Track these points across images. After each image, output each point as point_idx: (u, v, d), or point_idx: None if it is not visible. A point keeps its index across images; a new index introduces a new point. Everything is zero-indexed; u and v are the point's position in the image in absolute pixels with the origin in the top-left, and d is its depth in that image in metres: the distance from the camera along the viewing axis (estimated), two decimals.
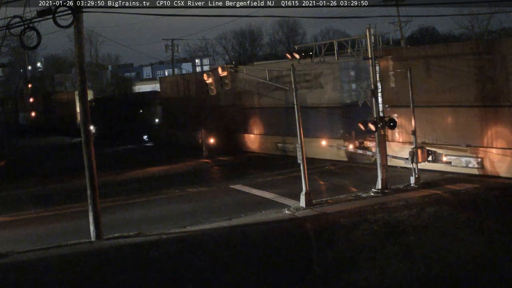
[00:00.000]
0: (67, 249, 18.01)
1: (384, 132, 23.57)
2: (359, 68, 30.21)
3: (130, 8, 22.21)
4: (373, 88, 23.54)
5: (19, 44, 21.53)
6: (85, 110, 19.13)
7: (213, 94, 26.75)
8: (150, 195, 26.39)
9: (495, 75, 23.98)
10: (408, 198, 21.50)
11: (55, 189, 30.21)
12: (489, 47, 24.85)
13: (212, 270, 15.38)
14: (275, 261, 15.79)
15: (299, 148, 22.06)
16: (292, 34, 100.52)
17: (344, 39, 25.96)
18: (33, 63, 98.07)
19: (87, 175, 19.06)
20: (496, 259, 14.49)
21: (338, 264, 15.03)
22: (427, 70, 26.46)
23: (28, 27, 17.28)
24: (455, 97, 25.53)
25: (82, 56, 19.18)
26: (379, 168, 23.23)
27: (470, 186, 22.66)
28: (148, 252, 17.34)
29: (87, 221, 19.20)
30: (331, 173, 28.71)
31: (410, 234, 17.07)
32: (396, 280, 13.64)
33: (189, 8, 23.49)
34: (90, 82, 78.17)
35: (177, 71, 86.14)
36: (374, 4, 43.92)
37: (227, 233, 18.87)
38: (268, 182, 27.54)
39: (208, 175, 31.97)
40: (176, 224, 20.43)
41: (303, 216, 20.34)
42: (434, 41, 66.76)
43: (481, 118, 24.68)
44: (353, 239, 16.99)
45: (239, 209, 21.98)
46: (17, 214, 24.31)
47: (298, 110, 22.31)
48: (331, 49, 25.50)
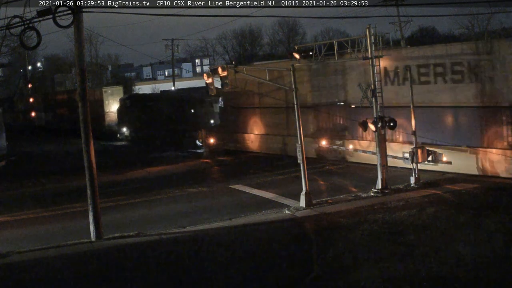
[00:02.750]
0: (67, 249, 18.00)
1: (384, 132, 23.59)
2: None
3: (130, 8, 22.19)
4: (373, 88, 23.56)
5: (19, 44, 21.51)
6: (85, 110, 19.10)
7: (213, 94, 26.73)
8: (150, 195, 26.37)
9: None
10: (408, 198, 21.52)
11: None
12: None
13: (212, 270, 15.38)
14: (275, 261, 15.79)
15: (299, 148, 22.08)
16: (292, 34, 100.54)
17: (344, 39, 25.97)
18: (33, 63, 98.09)
19: (87, 175, 19.05)
20: (496, 259, 14.49)
21: (338, 264, 15.04)
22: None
23: (28, 27, 17.29)
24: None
25: (82, 56, 19.17)
26: (379, 168, 23.24)
27: (470, 186, 22.68)
28: (148, 252, 17.34)
29: (87, 221, 19.21)
30: (331, 173, 28.72)
31: (410, 234, 17.08)
32: (396, 280, 13.64)
33: (189, 8, 23.49)
34: (90, 82, 77.50)
35: (177, 71, 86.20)
36: (374, 4, 43.97)
37: (227, 233, 18.88)
38: (268, 182, 27.54)
39: (208, 175, 31.98)
40: (176, 224, 20.43)
41: (303, 216, 20.34)
42: (434, 41, 66.70)
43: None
44: (353, 239, 16.99)
45: (239, 209, 21.99)
46: (17, 214, 24.30)
47: (298, 110, 22.34)
48: (331, 49, 25.51)
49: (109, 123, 55.00)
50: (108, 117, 55.25)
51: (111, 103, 55.29)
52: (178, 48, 68.84)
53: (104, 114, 55.08)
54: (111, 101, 55.48)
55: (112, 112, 54.81)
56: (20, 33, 17.60)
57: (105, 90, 57.01)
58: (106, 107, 55.38)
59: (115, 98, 55.08)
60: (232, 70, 24.94)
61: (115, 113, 53.90)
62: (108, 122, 55.19)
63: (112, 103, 55.11)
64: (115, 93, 56.25)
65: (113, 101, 55.09)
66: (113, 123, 54.31)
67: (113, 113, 54.54)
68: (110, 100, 55.50)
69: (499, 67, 23.81)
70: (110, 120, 54.93)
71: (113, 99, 55.34)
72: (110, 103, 55.34)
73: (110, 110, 55.18)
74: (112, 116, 54.73)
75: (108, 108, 55.37)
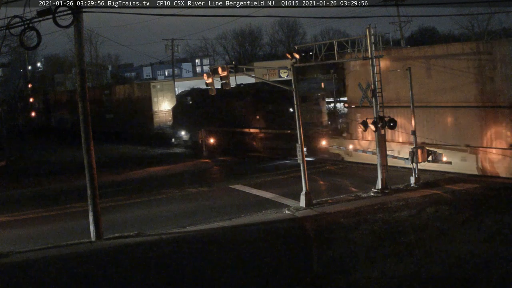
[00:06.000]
0: (67, 249, 18.00)
1: (384, 132, 23.59)
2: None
3: (130, 8, 22.23)
4: (373, 88, 23.56)
5: (19, 44, 21.51)
6: (85, 110, 19.09)
7: (213, 94, 26.65)
8: (150, 195, 26.38)
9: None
10: (408, 198, 21.52)
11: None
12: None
13: (212, 270, 15.37)
14: (275, 261, 15.78)
15: (299, 148, 22.09)
16: (292, 34, 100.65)
17: (344, 39, 25.97)
18: (33, 63, 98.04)
19: (87, 175, 19.06)
20: (496, 259, 14.48)
21: (338, 264, 15.03)
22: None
23: (28, 27, 17.29)
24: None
25: (82, 56, 19.17)
26: (379, 168, 23.24)
27: (470, 186, 22.68)
28: (148, 252, 17.33)
29: (87, 221, 19.21)
30: (331, 173, 28.71)
31: (410, 234, 17.06)
32: (396, 280, 13.63)
33: (189, 8, 23.51)
34: (90, 82, 77.08)
35: (177, 71, 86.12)
36: (374, 4, 44.04)
37: (227, 233, 18.88)
38: (268, 182, 27.53)
39: (209, 175, 31.96)
40: (176, 224, 20.43)
41: (303, 216, 20.34)
42: (434, 41, 66.76)
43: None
44: (353, 239, 16.99)
45: (239, 209, 21.98)
46: (17, 214, 24.30)
47: (298, 110, 22.35)
48: (331, 49, 25.51)
49: (159, 125, 46.79)
50: (157, 117, 46.94)
51: (160, 101, 46.99)
52: (178, 48, 68.70)
53: (152, 114, 46.69)
54: (160, 98, 47.05)
55: (162, 112, 46.75)
56: (20, 33, 17.61)
57: (153, 84, 48.28)
58: (155, 106, 46.82)
59: (165, 95, 47.17)
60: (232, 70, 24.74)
61: (166, 113, 46.08)
62: (158, 124, 46.88)
63: (163, 101, 46.95)
64: (166, 88, 47.87)
65: (164, 98, 47.04)
66: (164, 124, 46.26)
67: (163, 113, 46.66)
68: (160, 97, 47.09)
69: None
70: (160, 121, 46.81)
71: (163, 96, 47.21)
72: (160, 100, 46.98)
73: (160, 109, 46.93)
74: (162, 116, 46.71)
75: (157, 107, 46.90)
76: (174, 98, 46.81)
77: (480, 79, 24.54)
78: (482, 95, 24.56)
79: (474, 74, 24.71)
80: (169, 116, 45.52)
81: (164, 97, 47.07)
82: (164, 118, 46.40)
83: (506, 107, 23.70)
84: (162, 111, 46.69)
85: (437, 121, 26.33)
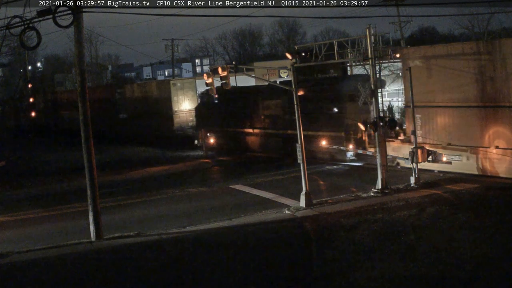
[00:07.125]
0: (67, 249, 18.01)
1: (384, 131, 23.59)
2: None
3: (130, 8, 22.24)
4: (373, 88, 23.56)
5: (19, 44, 21.52)
6: (85, 110, 19.10)
7: (213, 94, 26.68)
8: (150, 195, 26.38)
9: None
10: (408, 198, 21.51)
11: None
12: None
13: (212, 270, 15.37)
14: (275, 261, 15.78)
15: (299, 148, 22.08)
16: (292, 34, 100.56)
17: (344, 39, 25.97)
18: (33, 63, 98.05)
19: (87, 175, 19.06)
20: (496, 259, 14.48)
21: (338, 264, 15.02)
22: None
23: (28, 27, 17.30)
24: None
25: (82, 56, 19.18)
26: (379, 168, 23.23)
27: (470, 186, 22.67)
28: (148, 252, 17.34)
29: (87, 221, 19.21)
30: (331, 173, 28.69)
31: (410, 234, 17.06)
32: (396, 280, 13.63)
33: (189, 8, 23.50)
34: (90, 82, 76.98)
35: (177, 71, 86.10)
36: (374, 4, 44.04)
37: (227, 233, 18.87)
38: (268, 182, 27.52)
39: (208, 175, 31.96)
40: (176, 224, 20.43)
41: (303, 216, 20.33)
42: (434, 41, 66.75)
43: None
44: (353, 239, 16.98)
45: (239, 209, 21.98)
46: (17, 214, 24.30)
47: (298, 110, 22.34)
48: (331, 49, 25.52)
49: (180, 125, 44.31)
50: (178, 117, 44.33)
51: (181, 100, 44.29)
52: (178, 48, 68.73)
53: (172, 114, 44.02)
54: (181, 97, 44.36)
55: (182, 112, 44.22)
56: (20, 33, 17.61)
57: (173, 82, 45.53)
58: (175, 105, 44.16)
59: (186, 93, 44.48)
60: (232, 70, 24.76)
61: (186, 113, 43.86)
62: (178, 124, 44.35)
63: (183, 100, 44.31)
64: (186, 87, 45.01)
65: (184, 97, 44.39)
66: (185, 125, 44.04)
67: (184, 113, 44.20)
68: (180, 96, 44.38)
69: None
70: (181, 121, 44.25)
71: (183, 95, 44.45)
72: (180, 99, 44.31)
73: (180, 108, 44.32)
74: (182, 116, 44.21)
75: (177, 106, 44.27)
76: (195, 97, 44.71)
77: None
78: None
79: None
80: (190, 116, 43.68)
81: (185, 96, 44.52)
82: (185, 118, 44.17)
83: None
84: (183, 111, 44.34)
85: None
